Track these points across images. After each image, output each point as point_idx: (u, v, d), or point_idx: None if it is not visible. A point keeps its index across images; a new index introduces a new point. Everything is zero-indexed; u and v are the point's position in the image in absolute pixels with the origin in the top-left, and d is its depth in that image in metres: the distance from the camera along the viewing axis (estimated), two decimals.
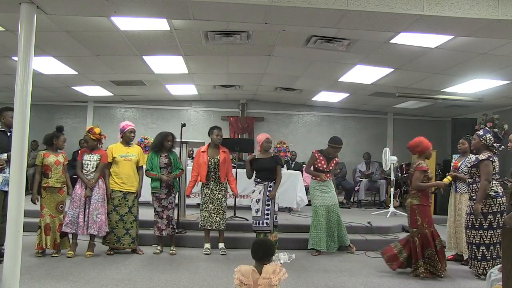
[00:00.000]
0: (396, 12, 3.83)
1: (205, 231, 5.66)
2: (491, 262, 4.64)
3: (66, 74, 8.37)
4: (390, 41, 5.87)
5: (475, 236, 4.74)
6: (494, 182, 4.76)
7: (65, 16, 5.20)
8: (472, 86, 7.99)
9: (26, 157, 3.72)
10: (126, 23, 5.58)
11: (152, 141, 9.71)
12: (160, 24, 5.61)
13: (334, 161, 5.99)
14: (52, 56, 7.15)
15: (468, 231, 4.82)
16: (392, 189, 8.55)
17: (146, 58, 7.29)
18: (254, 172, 5.69)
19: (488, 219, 4.68)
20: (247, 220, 6.75)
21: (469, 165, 5.00)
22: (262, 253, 2.77)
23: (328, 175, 5.93)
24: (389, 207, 8.33)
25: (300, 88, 9.78)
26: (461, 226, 5.25)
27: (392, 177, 8.60)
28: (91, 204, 5.23)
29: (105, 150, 5.52)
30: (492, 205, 4.70)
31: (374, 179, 10.01)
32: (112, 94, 10.67)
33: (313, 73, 8.28)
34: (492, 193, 4.72)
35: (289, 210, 8.13)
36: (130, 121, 6.23)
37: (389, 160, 8.39)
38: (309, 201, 9.42)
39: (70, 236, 5.27)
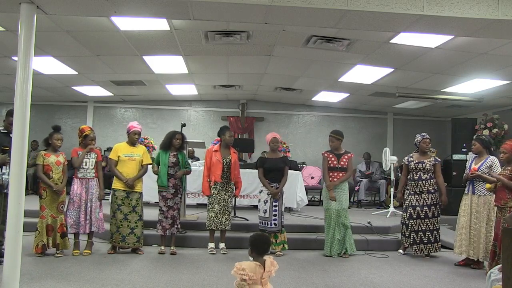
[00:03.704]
0: (396, 12, 3.83)
1: (210, 231, 5.68)
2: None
3: (66, 74, 8.38)
4: (390, 41, 5.87)
5: (435, 223, 5.75)
6: None
7: (65, 16, 5.20)
8: (472, 86, 7.99)
9: (26, 157, 3.72)
10: (126, 23, 5.58)
11: (152, 142, 9.82)
12: (160, 24, 5.61)
13: (346, 157, 5.75)
14: (52, 56, 7.15)
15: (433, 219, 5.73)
16: (392, 189, 8.54)
17: (146, 58, 7.29)
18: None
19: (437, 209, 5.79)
20: (247, 220, 6.76)
21: (484, 167, 5.23)
22: (265, 247, 2.86)
23: (340, 174, 5.67)
24: (389, 207, 8.33)
25: (300, 88, 9.77)
26: (479, 229, 5.11)
27: (392, 177, 8.60)
28: (92, 203, 5.27)
29: (99, 149, 5.63)
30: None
31: (374, 179, 10.01)
32: (112, 94, 10.68)
33: (313, 73, 8.27)
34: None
35: (289, 210, 8.13)
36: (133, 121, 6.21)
37: (389, 160, 8.40)
38: (310, 200, 9.48)
39: (72, 236, 5.28)
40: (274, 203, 5.58)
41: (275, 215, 5.55)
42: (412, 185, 5.81)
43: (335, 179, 5.67)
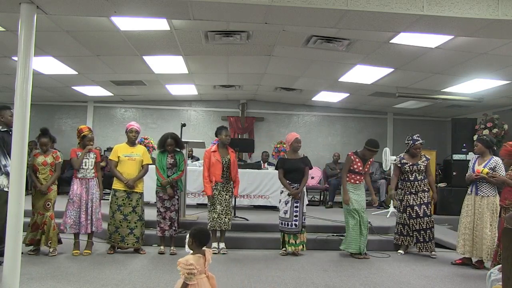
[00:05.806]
0: (396, 12, 3.83)
1: (213, 232, 5.67)
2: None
3: (66, 74, 8.37)
4: (390, 41, 5.87)
5: (430, 222, 5.84)
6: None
7: (65, 16, 5.20)
8: (472, 86, 7.99)
9: (26, 157, 3.72)
10: (126, 23, 5.58)
11: (152, 141, 9.83)
12: (160, 24, 5.61)
13: (369, 162, 5.90)
14: (52, 56, 7.15)
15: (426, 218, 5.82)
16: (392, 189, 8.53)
17: (146, 58, 7.29)
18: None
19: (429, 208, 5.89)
20: (247, 220, 6.76)
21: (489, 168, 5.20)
22: (207, 239, 3.07)
23: (361, 178, 5.81)
24: (389, 207, 8.33)
25: (300, 88, 9.77)
26: (481, 230, 5.08)
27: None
28: (93, 203, 5.28)
29: (98, 149, 5.59)
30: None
31: (374, 179, 9.98)
32: (112, 94, 10.67)
33: (313, 73, 8.27)
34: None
35: None
36: (132, 121, 6.22)
37: (389, 160, 8.39)
38: (310, 200, 9.47)
39: (72, 235, 5.29)
40: (295, 204, 5.61)
41: (296, 216, 5.57)
42: (408, 186, 5.91)
43: (357, 182, 5.77)
